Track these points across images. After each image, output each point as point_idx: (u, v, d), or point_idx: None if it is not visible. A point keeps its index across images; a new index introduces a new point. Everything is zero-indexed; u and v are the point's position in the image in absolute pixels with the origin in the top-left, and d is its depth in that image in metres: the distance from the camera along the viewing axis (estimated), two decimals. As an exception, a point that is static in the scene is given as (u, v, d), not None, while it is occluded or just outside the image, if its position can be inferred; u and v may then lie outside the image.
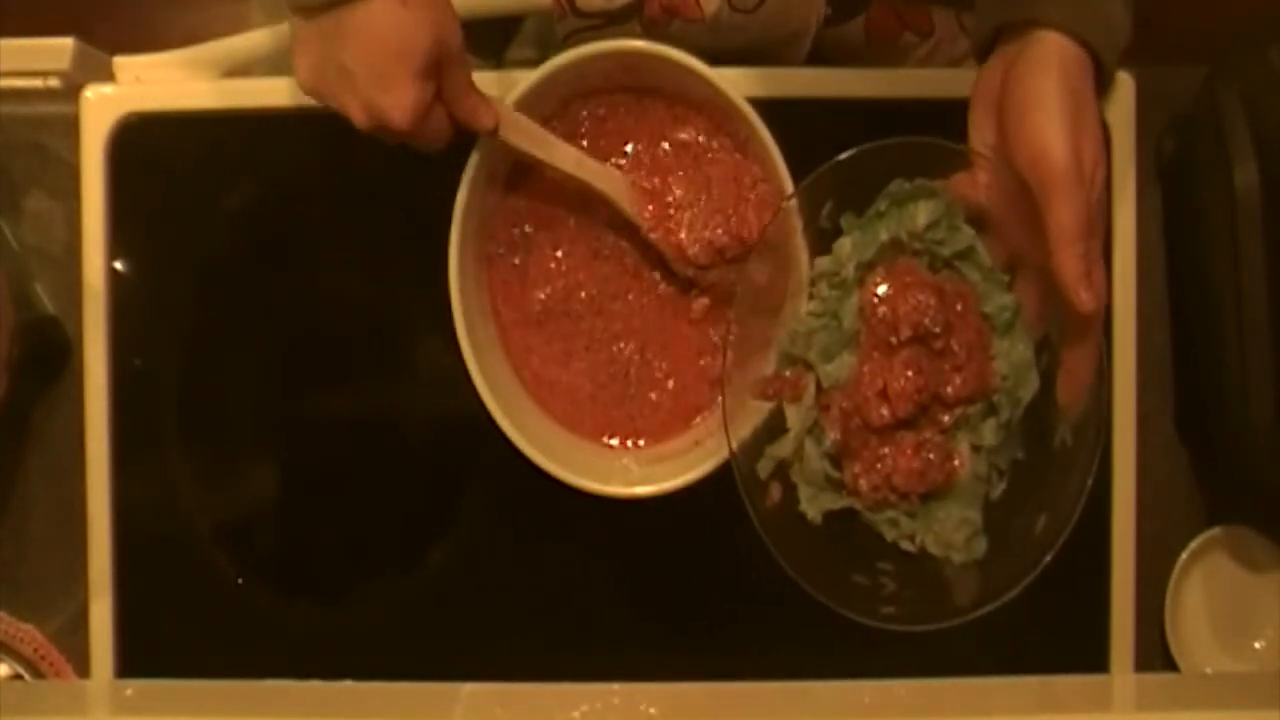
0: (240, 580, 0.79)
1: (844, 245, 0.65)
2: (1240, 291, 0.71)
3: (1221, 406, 0.75)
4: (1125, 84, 0.77)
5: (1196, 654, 0.80)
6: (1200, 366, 0.78)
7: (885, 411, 0.63)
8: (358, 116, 0.64)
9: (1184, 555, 0.79)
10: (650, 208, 0.72)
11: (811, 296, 0.66)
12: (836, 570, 0.64)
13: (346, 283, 0.81)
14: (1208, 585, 0.80)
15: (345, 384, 0.81)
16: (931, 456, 0.64)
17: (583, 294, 0.74)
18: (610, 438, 0.74)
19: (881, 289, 0.64)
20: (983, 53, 0.67)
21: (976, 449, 0.65)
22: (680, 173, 0.72)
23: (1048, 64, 0.62)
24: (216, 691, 0.71)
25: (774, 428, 0.65)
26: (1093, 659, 0.77)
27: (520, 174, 0.73)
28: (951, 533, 0.65)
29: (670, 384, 0.74)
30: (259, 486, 0.80)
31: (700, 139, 0.73)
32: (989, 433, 0.65)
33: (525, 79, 0.69)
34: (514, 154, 0.70)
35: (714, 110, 0.71)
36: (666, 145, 0.73)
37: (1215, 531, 0.80)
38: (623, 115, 0.73)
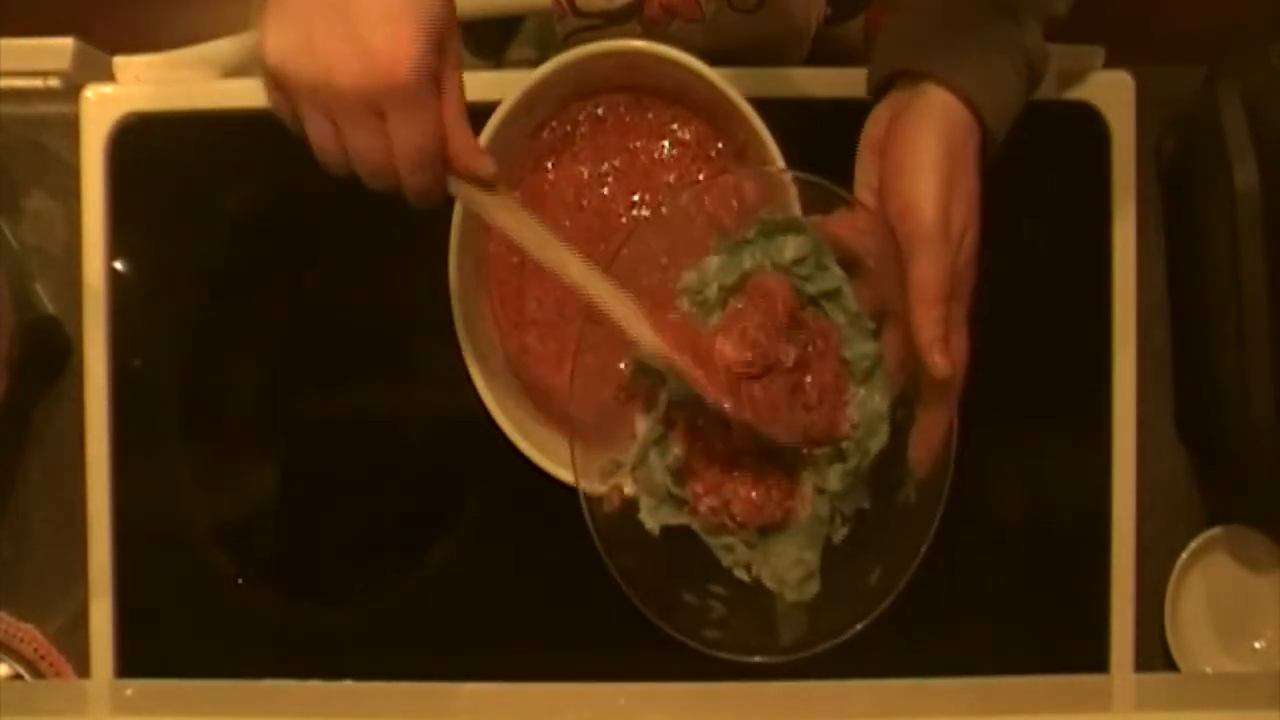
0: (240, 580, 0.79)
1: (711, 264, 0.64)
2: (1240, 291, 0.71)
3: (1221, 406, 0.75)
4: (1125, 84, 0.77)
5: (1196, 654, 0.80)
6: (1200, 366, 0.79)
7: (726, 439, 0.62)
8: (347, 67, 0.53)
9: (1184, 555, 0.79)
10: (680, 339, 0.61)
11: (674, 310, 0.64)
12: (667, 585, 0.64)
13: (346, 283, 0.81)
14: (1208, 585, 0.80)
15: (345, 384, 0.81)
16: (772, 492, 0.63)
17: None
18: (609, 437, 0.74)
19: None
20: (876, 95, 0.66)
21: (820, 491, 0.64)
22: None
23: (930, 120, 0.61)
24: (216, 691, 0.71)
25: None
26: (1093, 659, 0.77)
27: (520, 178, 0.73)
28: (786, 570, 0.63)
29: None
30: (259, 486, 0.80)
31: (697, 142, 0.73)
32: (834, 478, 0.63)
33: (525, 79, 0.69)
34: (501, 234, 0.63)
35: (714, 111, 0.71)
36: (666, 144, 0.73)
37: (1215, 531, 0.80)
38: (622, 115, 0.73)
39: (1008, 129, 0.64)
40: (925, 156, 0.60)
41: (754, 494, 0.63)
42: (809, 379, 0.62)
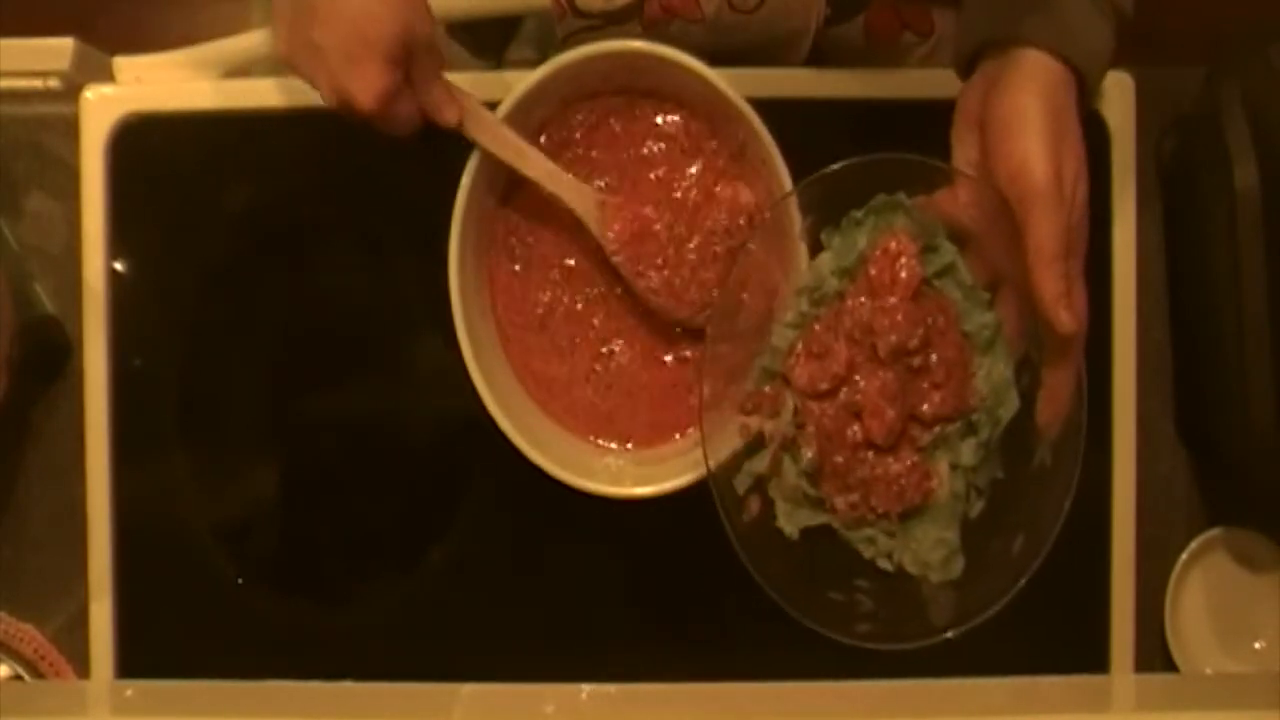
0: (240, 580, 0.79)
1: (824, 260, 0.65)
2: (1240, 291, 0.71)
3: (1221, 406, 0.75)
4: (1125, 84, 0.77)
5: (1196, 654, 0.80)
6: (1200, 366, 0.78)
7: (858, 430, 0.63)
8: (325, 94, 0.65)
9: (1184, 555, 0.79)
10: (616, 227, 0.71)
11: (792, 312, 0.65)
12: (813, 586, 0.64)
13: (346, 283, 0.81)
14: (1208, 585, 0.80)
15: (345, 384, 0.81)
16: (909, 475, 0.63)
17: (581, 295, 0.74)
18: (609, 439, 0.74)
19: (860, 300, 0.64)
20: (966, 70, 0.67)
21: (954, 468, 0.64)
22: (668, 207, 0.72)
23: (1030, 81, 0.62)
24: (216, 691, 0.71)
25: (754, 443, 0.65)
26: (1093, 659, 0.77)
27: (520, 179, 0.73)
28: (928, 552, 0.64)
29: (667, 386, 0.74)
30: (259, 486, 0.80)
31: (688, 139, 0.73)
32: (968, 452, 0.64)
33: (525, 79, 0.69)
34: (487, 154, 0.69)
35: (713, 111, 0.71)
36: (653, 144, 0.73)
37: (1215, 531, 0.80)
38: (621, 116, 0.73)
39: (1103, 73, 0.65)
40: (1030, 116, 0.60)
41: (891, 480, 0.63)
42: (934, 357, 0.63)
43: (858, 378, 0.63)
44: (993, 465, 0.65)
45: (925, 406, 0.63)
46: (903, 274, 0.62)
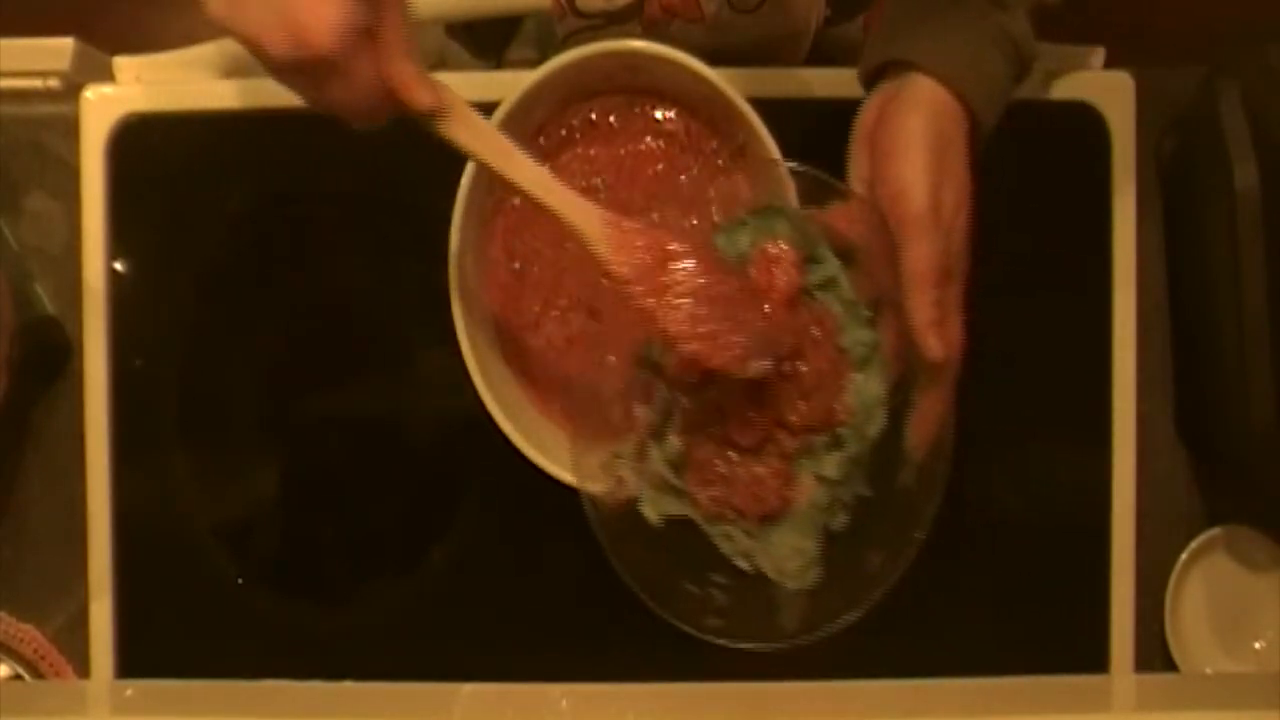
0: (240, 580, 0.79)
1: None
2: (1240, 292, 0.72)
3: (1221, 406, 0.75)
4: (1125, 84, 0.77)
5: (1196, 654, 0.80)
6: (1200, 366, 0.78)
7: (723, 430, 0.63)
8: (272, 38, 0.54)
9: (1184, 555, 0.79)
10: (631, 256, 0.59)
11: None
12: (668, 575, 0.64)
13: (346, 283, 0.81)
14: (1208, 585, 0.80)
15: (345, 384, 0.81)
16: (771, 481, 0.63)
17: (580, 296, 0.74)
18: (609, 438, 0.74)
19: None
20: (868, 87, 0.67)
21: (819, 479, 0.64)
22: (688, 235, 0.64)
23: (919, 106, 0.62)
24: (216, 691, 0.71)
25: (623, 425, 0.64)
26: (1093, 659, 0.77)
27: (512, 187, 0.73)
28: (786, 559, 0.64)
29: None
30: (259, 486, 0.80)
31: (688, 138, 0.73)
32: (832, 465, 0.64)
33: (525, 79, 0.69)
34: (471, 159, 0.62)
35: (713, 111, 0.71)
36: (653, 140, 0.73)
37: (1215, 531, 0.80)
38: (620, 114, 0.73)
39: (997, 117, 0.65)
40: (914, 142, 0.61)
41: (752, 484, 0.63)
42: (804, 366, 0.62)
43: (728, 379, 0.62)
44: (859, 482, 0.64)
45: (792, 416, 0.63)
46: (780, 280, 0.62)
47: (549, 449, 0.69)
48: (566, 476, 0.69)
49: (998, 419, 0.79)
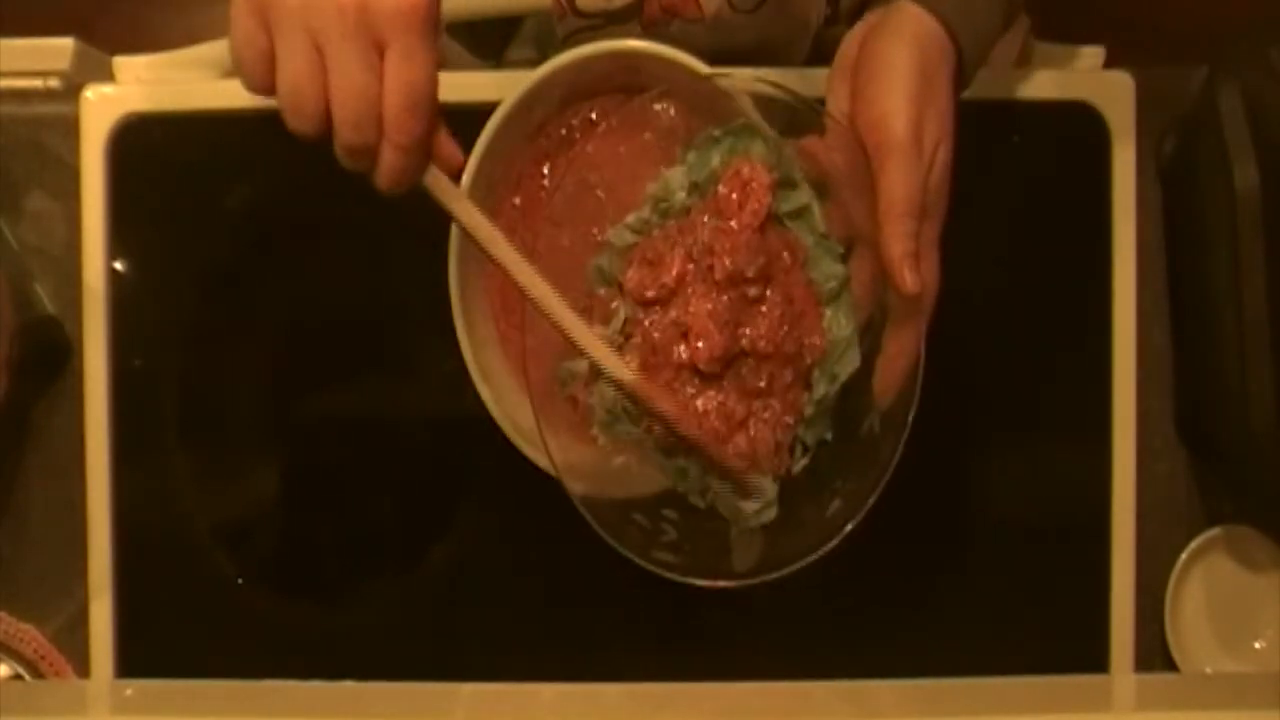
0: (240, 580, 0.79)
1: (675, 173, 0.62)
2: (1240, 291, 0.71)
3: (1221, 406, 0.75)
4: (1125, 84, 0.77)
5: (1196, 654, 0.80)
6: (1200, 366, 0.78)
7: (684, 351, 0.59)
8: (337, 43, 0.48)
9: (1184, 555, 0.79)
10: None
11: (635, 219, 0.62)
12: (618, 504, 0.61)
13: (346, 283, 0.81)
14: (1208, 585, 0.80)
15: (345, 384, 0.81)
16: (730, 417, 0.60)
17: (580, 296, 0.74)
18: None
19: (703, 220, 0.60)
20: (851, 20, 0.65)
21: (781, 421, 0.61)
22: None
23: (903, 34, 0.60)
24: (216, 691, 0.71)
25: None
26: (1093, 659, 0.77)
27: (520, 179, 0.73)
28: (742, 499, 0.61)
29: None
30: (259, 486, 0.80)
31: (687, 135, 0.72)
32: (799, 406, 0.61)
33: (525, 79, 0.69)
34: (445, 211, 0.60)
35: (714, 111, 0.71)
36: (651, 136, 0.73)
37: (1215, 531, 0.80)
38: (620, 113, 0.73)
39: (984, 56, 0.63)
40: (897, 68, 0.59)
41: (711, 416, 0.60)
42: (770, 292, 0.60)
43: (690, 298, 0.60)
44: (823, 425, 0.62)
45: (760, 341, 0.59)
46: (752, 200, 0.60)
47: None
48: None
49: (998, 419, 0.79)
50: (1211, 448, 0.79)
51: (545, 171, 0.73)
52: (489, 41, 0.87)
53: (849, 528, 0.60)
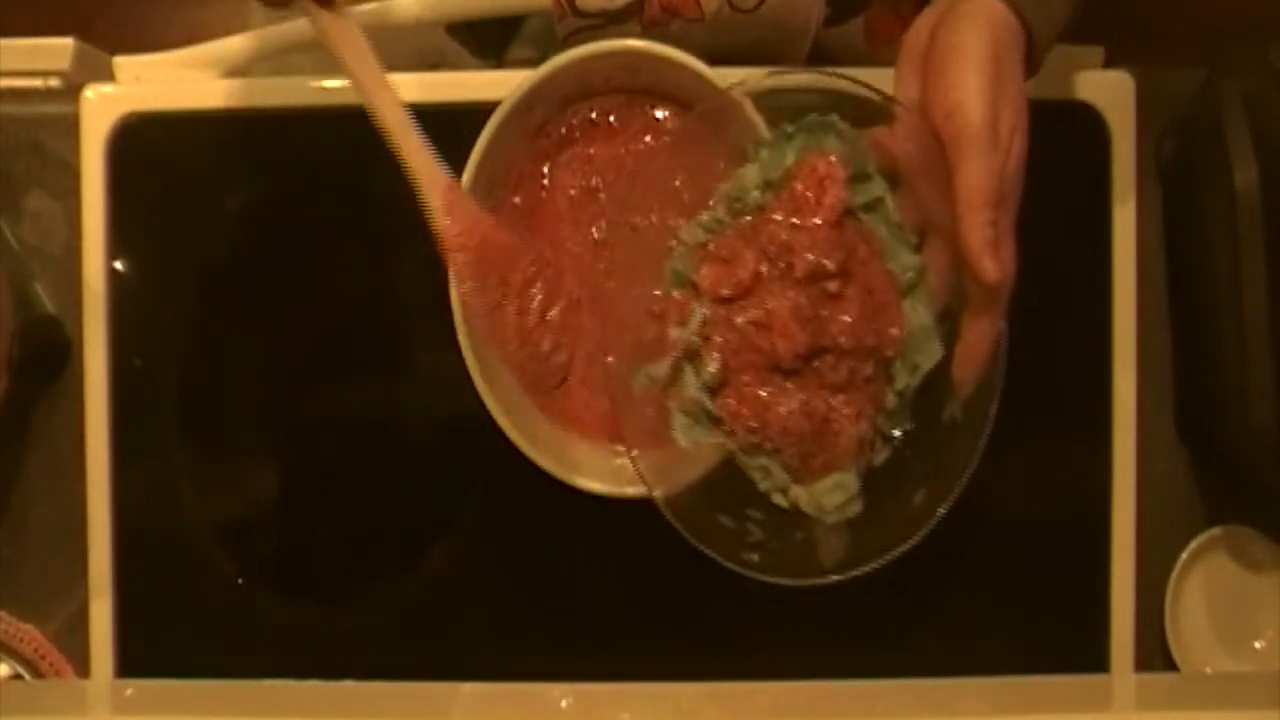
0: (240, 580, 0.79)
1: (749, 171, 0.62)
2: (1240, 292, 0.71)
3: (1221, 406, 0.75)
4: (1125, 84, 0.77)
5: (1196, 654, 0.80)
6: (1200, 366, 0.78)
7: (766, 349, 0.60)
8: None
9: (1184, 555, 0.79)
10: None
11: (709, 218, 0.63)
12: (702, 505, 0.61)
13: (346, 283, 0.81)
14: (1208, 585, 0.80)
15: (345, 384, 0.81)
16: (813, 414, 0.60)
17: (580, 295, 0.74)
18: (608, 439, 0.74)
19: (779, 217, 0.60)
20: (919, 7, 0.65)
21: (864, 414, 0.62)
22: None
23: (976, 21, 0.59)
24: (216, 691, 0.71)
25: (654, 347, 0.62)
26: (1093, 659, 0.77)
27: (520, 178, 0.73)
28: (825, 494, 0.61)
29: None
30: (259, 486, 0.80)
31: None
32: (881, 399, 0.61)
33: (525, 79, 0.69)
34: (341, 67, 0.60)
35: (714, 111, 0.71)
36: (653, 139, 0.73)
37: (1215, 531, 0.80)
38: (620, 113, 0.73)
39: (1053, 41, 0.63)
40: (971, 55, 0.58)
41: (793, 414, 0.60)
42: (850, 287, 0.60)
43: (767, 296, 0.60)
44: (903, 416, 0.62)
45: (841, 337, 0.60)
46: (828, 196, 0.60)
47: (549, 449, 0.69)
48: (566, 476, 0.69)
49: (998, 419, 0.79)
50: (1211, 448, 0.79)
51: (545, 171, 0.73)
52: (489, 41, 0.87)
53: (941, 511, 0.60)
